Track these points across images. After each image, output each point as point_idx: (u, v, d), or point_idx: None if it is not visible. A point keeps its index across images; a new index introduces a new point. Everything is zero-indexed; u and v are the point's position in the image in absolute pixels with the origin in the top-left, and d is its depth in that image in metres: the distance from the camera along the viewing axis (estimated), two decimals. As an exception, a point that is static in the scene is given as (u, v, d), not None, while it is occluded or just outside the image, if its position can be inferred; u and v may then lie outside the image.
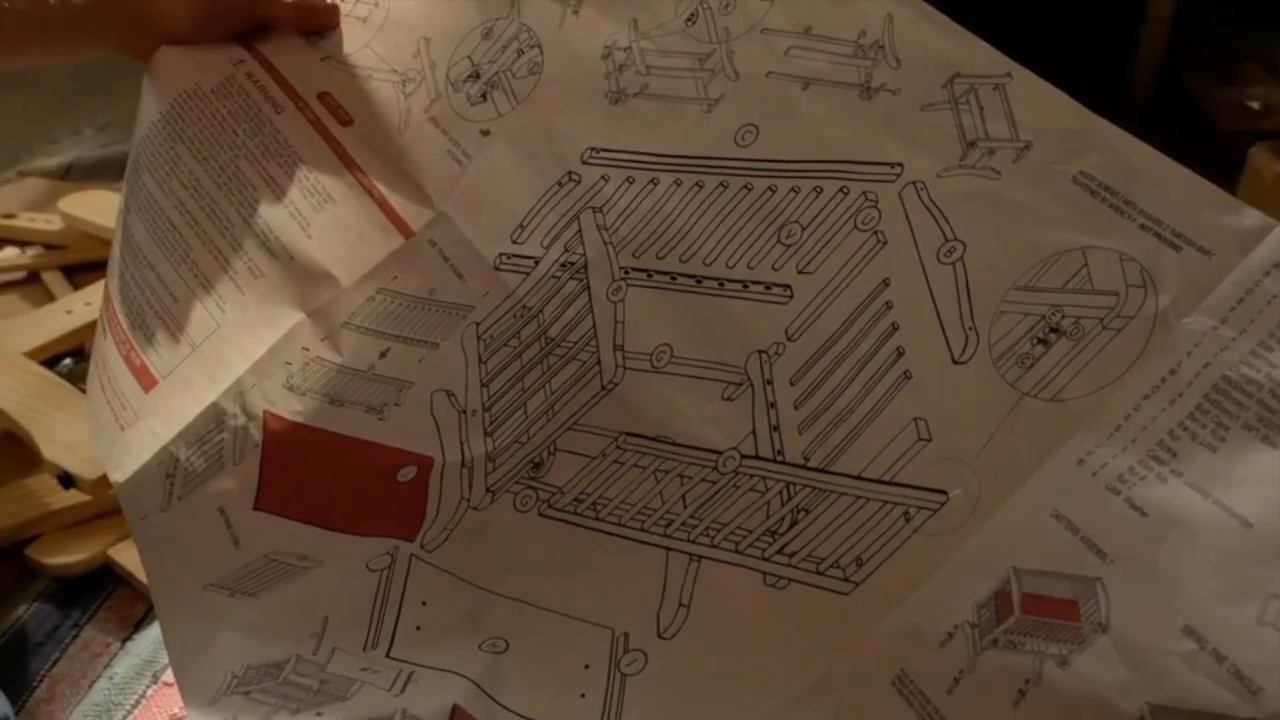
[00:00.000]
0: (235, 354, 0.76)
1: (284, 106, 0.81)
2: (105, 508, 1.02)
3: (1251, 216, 0.57)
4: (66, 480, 0.99)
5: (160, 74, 0.83)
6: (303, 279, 0.77)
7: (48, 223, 1.39)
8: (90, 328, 1.21)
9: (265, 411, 0.74)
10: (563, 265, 0.72)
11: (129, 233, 0.81)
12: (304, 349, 0.75)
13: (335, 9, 0.83)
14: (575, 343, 0.72)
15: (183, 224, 0.80)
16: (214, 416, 0.75)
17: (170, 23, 0.82)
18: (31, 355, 1.14)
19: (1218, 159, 1.61)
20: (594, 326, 0.71)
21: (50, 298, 1.29)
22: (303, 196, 0.78)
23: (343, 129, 0.80)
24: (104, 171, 1.57)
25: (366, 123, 0.80)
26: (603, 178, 0.73)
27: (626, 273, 0.71)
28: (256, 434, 0.74)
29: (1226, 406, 0.54)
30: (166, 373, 0.77)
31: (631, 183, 0.72)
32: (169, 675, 0.81)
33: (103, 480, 1.00)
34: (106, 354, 0.81)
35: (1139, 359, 0.57)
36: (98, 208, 1.39)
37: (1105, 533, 0.54)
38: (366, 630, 0.69)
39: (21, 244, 1.38)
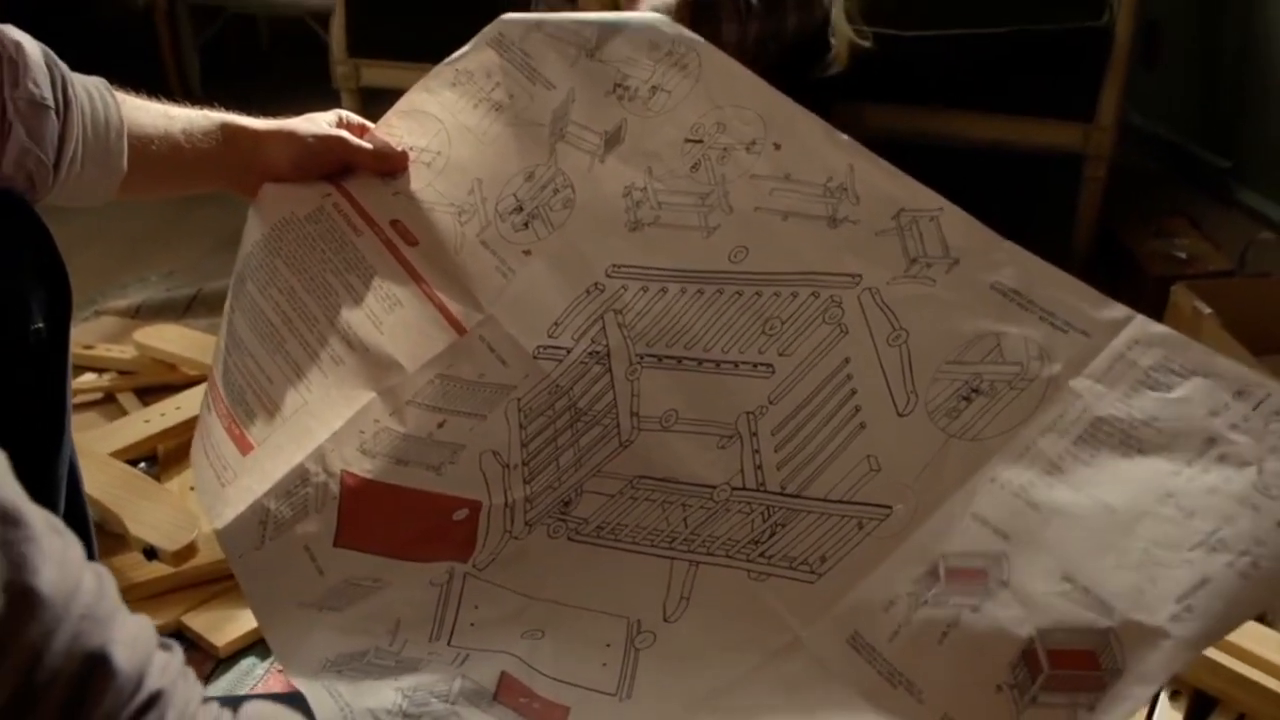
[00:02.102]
0: (318, 425, 0.91)
1: (362, 230, 0.99)
2: (180, 582, 1.19)
3: (1119, 309, 0.77)
4: (150, 553, 1.17)
5: (263, 205, 1.00)
6: (375, 366, 0.93)
7: (121, 352, 1.59)
8: (162, 436, 1.40)
9: (342, 470, 0.90)
10: (590, 354, 0.90)
11: (233, 329, 0.97)
12: (375, 420, 0.91)
13: (405, 155, 1.02)
14: (599, 411, 0.89)
15: (279, 322, 0.96)
16: (300, 475, 0.90)
17: (274, 165, 0.98)
18: (115, 456, 1.33)
19: (1148, 299, 1.82)
20: (614, 399, 0.89)
21: (123, 414, 1.48)
22: (376, 301, 0.95)
23: (410, 248, 0.98)
24: (168, 311, 1.78)
25: (429, 244, 0.98)
26: (622, 286, 0.91)
27: (641, 358, 0.89)
28: (335, 488, 0.89)
29: (1099, 436, 0.73)
30: (261, 440, 0.93)
31: (645, 290, 0.91)
32: None
33: (180, 553, 1.17)
34: (211, 426, 0.97)
35: (1037, 409, 0.75)
36: (167, 338, 1.59)
37: (1008, 522, 0.72)
38: (431, 626, 0.84)
39: (98, 370, 1.58)
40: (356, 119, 1.03)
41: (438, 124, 1.03)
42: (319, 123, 1.00)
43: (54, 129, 0.83)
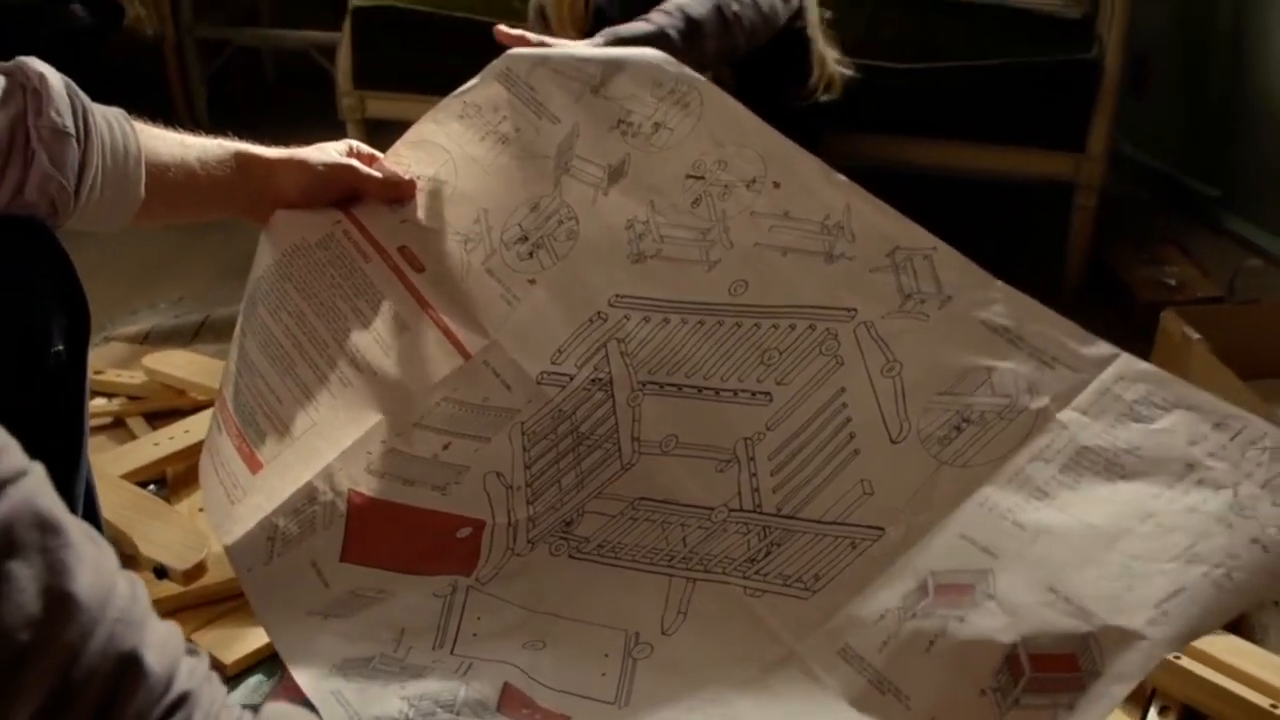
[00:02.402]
0: (326, 445, 0.94)
1: (371, 257, 1.01)
2: (189, 601, 1.21)
3: (1105, 346, 0.82)
4: (160, 572, 1.19)
5: (275, 230, 1.03)
6: (382, 389, 0.95)
7: (131, 377, 1.62)
8: (171, 459, 1.43)
9: (350, 489, 0.92)
10: (592, 380, 0.93)
11: (244, 351, 0.99)
12: (382, 441, 0.94)
13: (413, 184, 1.04)
14: (601, 436, 0.92)
15: (289, 345, 0.98)
16: (308, 493, 0.92)
17: (285, 193, 1.00)
18: (125, 478, 1.36)
19: (1138, 324, 1.85)
20: (616, 424, 0.92)
21: (133, 439, 1.51)
22: (384, 326, 0.98)
23: (417, 275, 1.00)
24: (177, 337, 1.81)
25: (436, 271, 1.00)
26: (625, 316, 0.95)
27: (643, 385, 0.93)
28: (342, 506, 0.92)
29: (1084, 463, 0.77)
30: (270, 459, 0.95)
31: (648, 321, 0.94)
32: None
33: (190, 572, 1.19)
34: (220, 445, 0.99)
35: (1025, 439, 0.79)
36: (175, 363, 1.62)
37: (995, 542, 0.76)
38: (435, 635, 0.86)
39: (108, 395, 1.61)
40: (366, 149, 1.06)
41: (445, 154, 1.06)
42: (329, 152, 1.03)
43: (75, 156, 0.86)
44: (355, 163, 1.03)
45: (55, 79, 0.86)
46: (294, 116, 2.40)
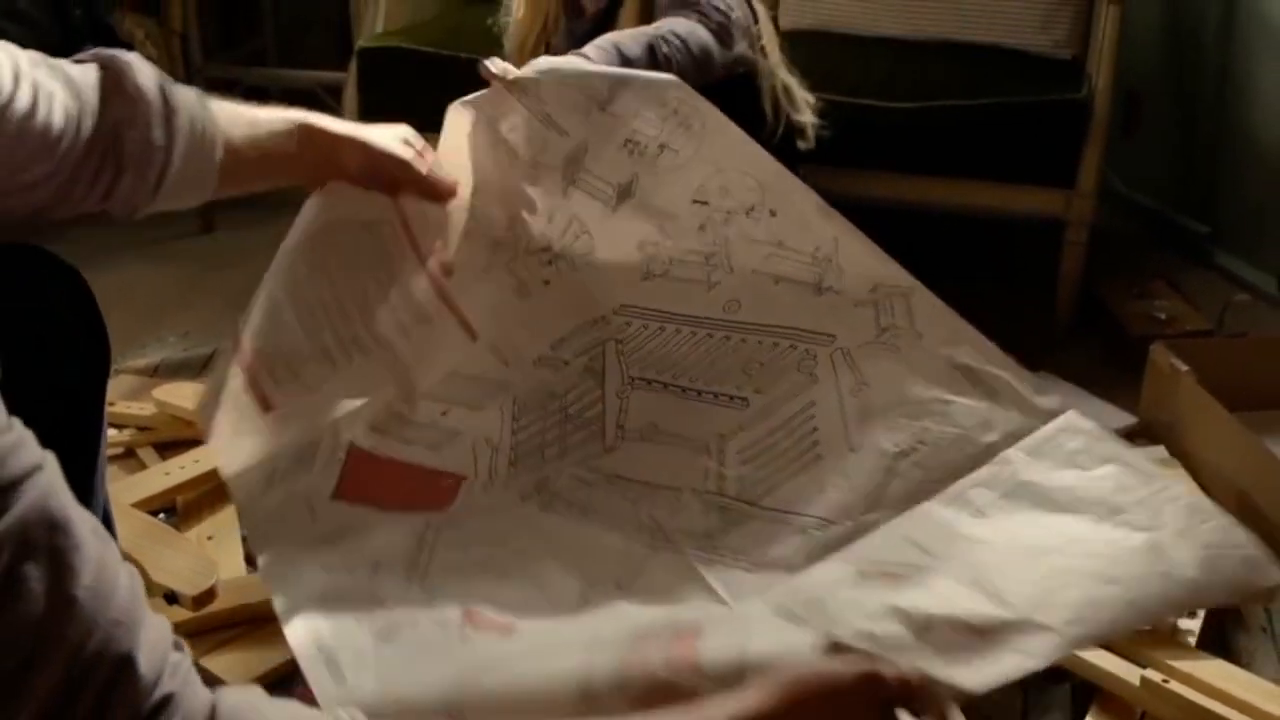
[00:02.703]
0: (337, 401, 0.99)
1: (408, 254, 1.05)
2: (199, 626, 1.24)
3: (1055, 400, 0.92)
4: (171, 598, 1.22)
5: (330, 196, 1.03)
6: (395, 362, 1.01)
7: (141, 409, 1.66)
8: (181, 488, 1.46)
9: (350, 442, 0.98)
10: (586, 369, 1.01)
11: (273, 299, 1.00)
12: (387, 405, 1.00)
13: (454, 187, 1.07)
14: (588, 419, 0.99)
15: (317, 305, 1.01)
16: (312, 443, 0.98)
17: (344, 168, 1.03)
18: (136, 507, 1.39)
19: (1129, 358, 1.89)
20: (604, 410, 1.00)
21: (143, 468, 1.54)
22: (407, 312, 1.03)
23: (446, 277, 1.04)
24: (185, 370, 1.84)
25: (461, 264, 1.05)
26: (626, 323, 1.02)
27: (633, 381, 1.00)
28: (341, 455, 0.98)
29: (1022, 495, 0.88)
30: (282, 403, 0.99)
31: (645, 327, 1.02)
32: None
33: (200, 597, 1.22)
34: (230, 378, 1.00)
35: (973, 467, 0.89)
36: (184, 395, 1.65)
37: (934, 545, 0.85)
38: (408, 567, 0.91)
39: (119, 426, 1.64)
40: (420, 142, 1.08)
41: (468, 162, 1.09)
42: (388, 137, 1.05)
43: (160, 166, 0.89)
44: (411, 158, 1.05)
45: (150, 82, 0.89)
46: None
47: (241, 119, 0.98)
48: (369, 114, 2.17)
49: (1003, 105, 1.97)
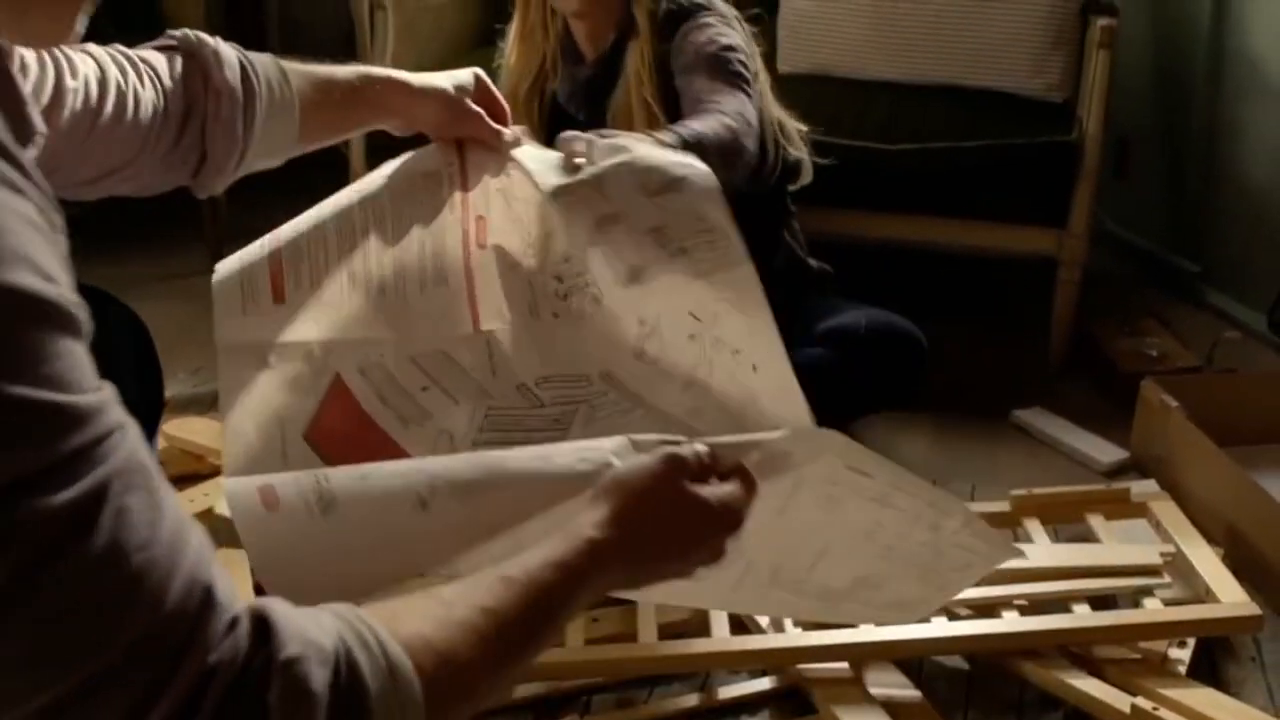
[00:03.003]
0: (340, 324, 1.03)
1: (456, 210, 1.09)
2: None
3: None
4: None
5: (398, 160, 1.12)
6: (400, 317, 1.04)
7: (152, 443, 1.69)
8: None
9: (337, 371, 1.01)
10: (556, 420, 1.05)
11: (322, 209, 1.07)
12: (380, 355, 1.03)
13: (516, 136, 1.12)
14: (551, 441, 1.01)
15: (359, 233, 1.07)
16: (306, 350, 1.01)
17: (417, 119, 1.11)
18: (149, 539, 1.41)
19: (1120, 394, 1.92)
20: (566, 439, 1.03)
21: (154, 502, 1.57)
22: (433, 268, 1.06)
23: (478, 250, 1.08)
24: (195, 405, 1.88)
25: (494, 252, 1.08)
26: (604, 392, 1.05)
27: (599, 427, 1.03)
28: (325, 381, 1.01)
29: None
30: (293, 300, 1.03)
31: (618, 404, 1.05)
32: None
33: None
34: (254, 254, 1.05)
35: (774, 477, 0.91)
36: (194, 430, 1.69)
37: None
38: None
39: (130, 460, 1.67)
40: (492, 89, 1.14)
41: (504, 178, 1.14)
42: (464, 84, 1.11)
43: (240, 149, 0.98)
44: (482, 113, 1.11)
45: (232, 73, 0.97)
46: (310, 194, 2.47)
47: (318, 78, 1.05)
48: (377, 155, 2.21)
49: (997, 147, 2.02)
